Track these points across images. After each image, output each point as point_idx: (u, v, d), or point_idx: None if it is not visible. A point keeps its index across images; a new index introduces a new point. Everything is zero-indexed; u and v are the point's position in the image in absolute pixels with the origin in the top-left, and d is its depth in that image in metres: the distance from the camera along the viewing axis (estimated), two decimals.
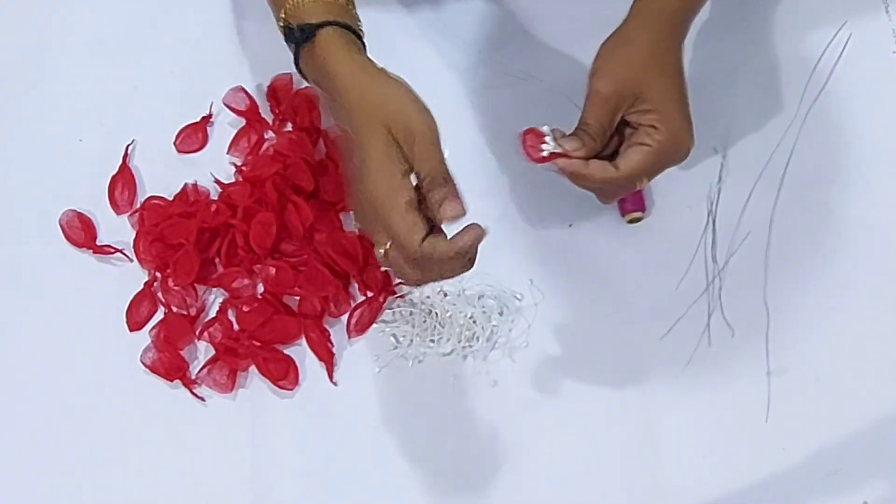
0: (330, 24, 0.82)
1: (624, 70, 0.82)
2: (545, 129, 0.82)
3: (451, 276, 0.79)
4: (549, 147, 0.82)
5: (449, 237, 0.78)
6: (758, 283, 0.96)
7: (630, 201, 0.96)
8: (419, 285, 0.81)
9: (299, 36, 0.83)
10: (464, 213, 0.77)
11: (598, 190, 0.85)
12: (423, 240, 0.76)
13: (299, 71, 0.87)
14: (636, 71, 0.82)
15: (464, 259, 0.78)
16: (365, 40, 0.86)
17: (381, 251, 0.79)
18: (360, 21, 0.86)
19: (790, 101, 1.01)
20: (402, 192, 0.77)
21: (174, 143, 1.01)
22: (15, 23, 1.07)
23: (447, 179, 0.77)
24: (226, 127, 1.02)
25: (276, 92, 1.02)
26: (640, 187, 0.86)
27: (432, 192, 0.77)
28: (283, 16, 0.85)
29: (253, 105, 1.02)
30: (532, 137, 0.83)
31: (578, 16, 1.04)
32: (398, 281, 0.96)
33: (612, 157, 0.85)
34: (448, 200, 0.76)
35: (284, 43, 0.87)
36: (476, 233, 0.76)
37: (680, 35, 0.85)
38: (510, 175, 0.99)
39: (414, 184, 0.78)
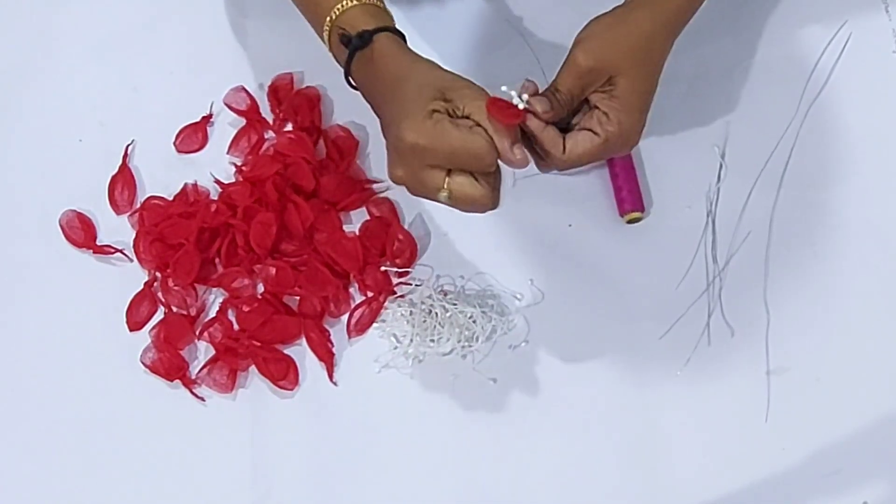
0: (381, 29, 0.83)
1: (609, 50, 0.81)
2: (512, 91, 0.80)
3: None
4: (519, 102, 0.80)
5: None
6: (758, 283, 0.96)
7: (628, 201, 0.96)
8: (493, 206, 0.80)
9: (357, 42, 0.84)
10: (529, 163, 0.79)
11: (537, 156, 0.84)
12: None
13: (348, 75, 0.86)
14: (620, 55, 0.81)
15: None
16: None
17: (444, 194, 0.78)
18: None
19: (790, 100, 1.01)
20: (443, 117, 0.77)
21: (174, 143, 1.01)
22: (15, 23, 1.07)
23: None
24: (226, 127, 1.02)
25: (277, 92, 1.02)
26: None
27: (503, 141, 0.78)
28: (330, 25, 0.85)
29: (253, 105, 1.02)
30: (499, 101, 0.80)
31: (580, 15, 1.04)
32: (398, 281, 0.96)
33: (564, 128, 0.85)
34: (517, 146, 0.78)
35: (330, 51, 0.87)
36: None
37: (675, 34, 0.85)
38: (510, 175, 0.99)
39: None
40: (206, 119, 1.02)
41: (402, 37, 0.85)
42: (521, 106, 0.79)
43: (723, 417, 0.92)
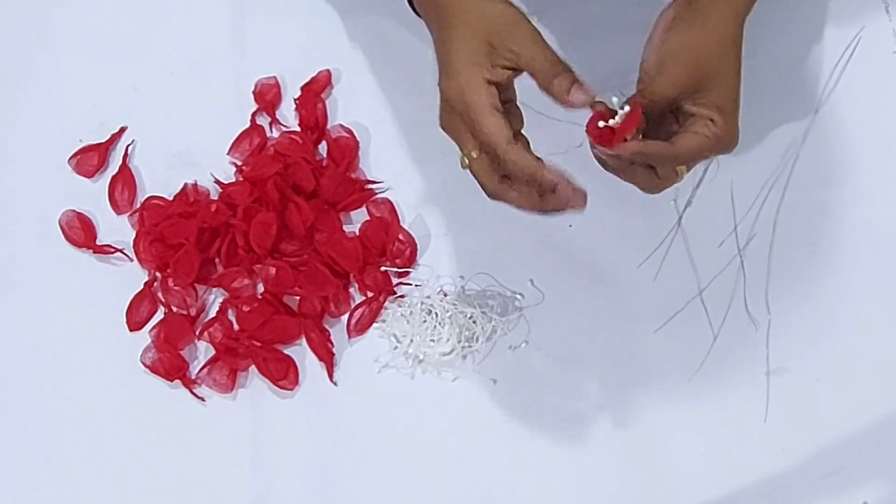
0: None
1: (700, 57, 0.78)
2: (614, 99, 0.77)
3: (523, 206, 0.79)
4: (615, 122, 0.77)
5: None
6: (759, 283, 0.96)
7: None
8: (496, 198, 0.80)
9: None
10: (594, 96, 0.76)
11: (641, 178, 0.81)
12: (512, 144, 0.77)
13: (412, 5, 0.87)
14: (711, 62, 0.78)
15: (537, 191, 0.78)
16: None
17: (466, 160, 0.79)
18: None
19: (791, 101, 1.01)
20: (489, 96, 0.77)
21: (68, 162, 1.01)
22: (14, 23, 1.07)
23: (567, 68, 0.77)
24: (226, 127, 1.02)
25: (264, 96, 1.02)
26: (680, 180, 0.82)
27: (554, 82, 0.76)
28: None
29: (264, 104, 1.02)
30: (597, 120, 0.77)
31: (580, 14, 1.04)
32: (398, 282, 0.96)
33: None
34: (576, 87, 0.76)
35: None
36: (565, 185, 0.77)
37: (746, 16, 0.82)
38: None
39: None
40: (108, 143, 1.02)
41: None
42: (618, 120, 0.76)
43: (723, 418, 0.92)
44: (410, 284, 0.96)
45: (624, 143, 0.77)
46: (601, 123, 0.77)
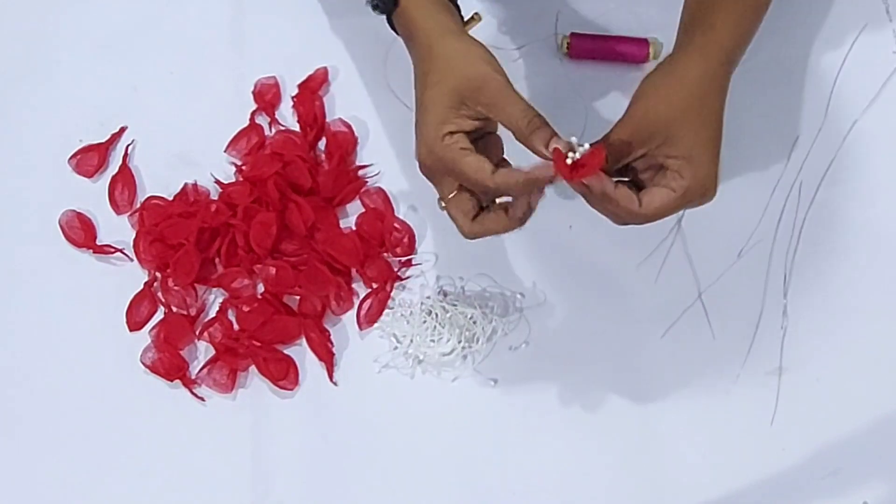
0: None
1: (662, 107, 0.78)
2: (573, 139, 0.78)
3: (498, 231, 0.81)
4: (574, 157, 0.77)
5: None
6: (760, 283, 0.96)
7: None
8: (472, 236, 0.81)
9: (381, 6, 0.86)
10: (574, 149, 0.77)
11: (612, 215, 0.82)
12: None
13: (391, 25, 0.88)
14: (675, 113, 0.78)
15: (525, 199, 0.79)
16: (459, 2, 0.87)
17: (442, 202, 0.81)
18: None
19: (793, 101, 1.01)
20: (457, 143, 0.78)
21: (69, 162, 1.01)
22: (15, 23, 1.07)
23: (543, 121, 0.78)
24: (226, 127, 1.02)
25: (263, 96, 1.03)
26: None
27: (532, 137, 0.77)
28: None
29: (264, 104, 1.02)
30: (559, 153, 0.78)
31: (582, 14, 1.04)
32: (401, 267, 0.96)
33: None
34: (554, 139, 0.77)
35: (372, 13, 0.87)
36: (545, 169, 0.77)
37: (732, 68, 0.82)
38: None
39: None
40: (108, 143, 1.02)
41: None
42: (577, 155, 0.77)
43: (722, 418, 0.92)
44: (417, 264, 0.97)
45: (591, 178, 0.77)
46: (568, 159, 0.77)
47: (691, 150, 0.78)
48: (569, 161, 0.76)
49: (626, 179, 0.81)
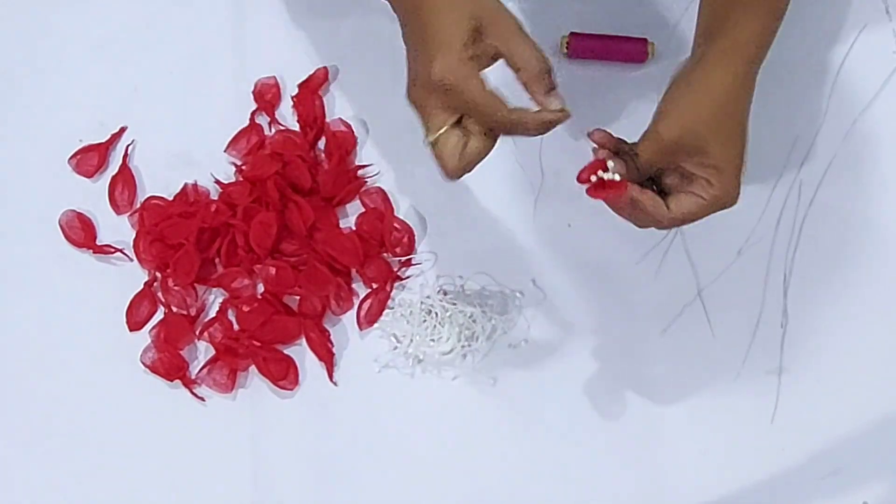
0: None
1: (692, 119, 0.77)
2: (610, 164, 0.78)
3: (483, 154, 0.77)
4: (607, 176, 0.78)
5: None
6: (759, 282, 0.96)
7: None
8: (455, 175, 0.78)
9: None
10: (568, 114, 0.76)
11: (637, 219, 0.81)
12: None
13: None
14: (704, 124, 0.77)
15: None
16: None
17: (431, 138, 0.77)
18: None
19: (793, 101, 1.01)
20: (475, 70, 0.76)
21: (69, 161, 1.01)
22: (15, 23, 1.07)
23: (550, 70, 0.76)
24: (226, 127, 1.02)
25: (263, 95, 1.02)
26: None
27: (540, 78, 0.76)
28: None
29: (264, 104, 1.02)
30: (591, 170, 0.79)
31: (581, 13, 1.04)
32: (401, 267, 0.96)
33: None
34: (555, 92, 0.76)
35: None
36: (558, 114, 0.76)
37: (755, 77, 0.81)
38: (510, 176, 0.99)
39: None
40: (108, 143, 1.02)
41: None
42: (609, 176, 0.77)
43: (722, 418, 0.92)
44: (417, 264, 0.97)
45: (622, 191, 0.78)
46: (593, 178, 0.78)
47: (721, 161, 0.78)
48: (594, 179, 0.77)
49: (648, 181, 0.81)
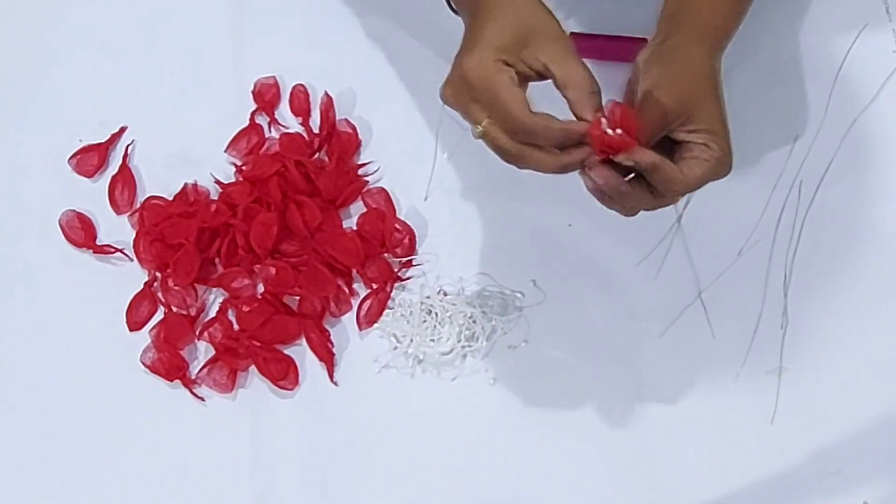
0: None
1: (681, 86, 0.80)
2: (603, 120, 0.77)
3: (545, 166, 0.78)
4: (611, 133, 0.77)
5: None
6: (760, 283, 0.96)
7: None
8: (518, 163, 0.79)
9: None
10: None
11: (631, 201, 0.81)
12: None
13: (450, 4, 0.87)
14: (691, 93, 0.80)
15: (561, 147, 0.78)
16: None
17: (479, 130, 0.78)
18: None
19: (793, 101, 1.01)
20: (506, 70, 0.77)
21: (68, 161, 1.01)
22: (15, 23, 1.07)
23: (599, 91, 0.78)
24: (226, 127, 1.02)
25: (263, 96, 1.02)
26: (676, 202, 0.83)
27: (585, 100, 0.77)
28: None
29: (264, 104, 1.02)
30: (601, 133, 0.78)
31: (582, 13, 1.04)
32: (401, 268, 0.96)
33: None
34: (600, 113, 0.77)
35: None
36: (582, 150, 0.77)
37: (722, 52, 0.84)
38: (510, 175, 0.99)
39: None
40: (108, 143, 1.02)
41: None
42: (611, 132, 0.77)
43: (722, 418, 0.92)
44: (418, 265, 0.96)
45: (640, 149, 0.77)
46: (609, 131, 0.77)
47: (713, 123, 0.80)
48: (606, 129, 0.76)
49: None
